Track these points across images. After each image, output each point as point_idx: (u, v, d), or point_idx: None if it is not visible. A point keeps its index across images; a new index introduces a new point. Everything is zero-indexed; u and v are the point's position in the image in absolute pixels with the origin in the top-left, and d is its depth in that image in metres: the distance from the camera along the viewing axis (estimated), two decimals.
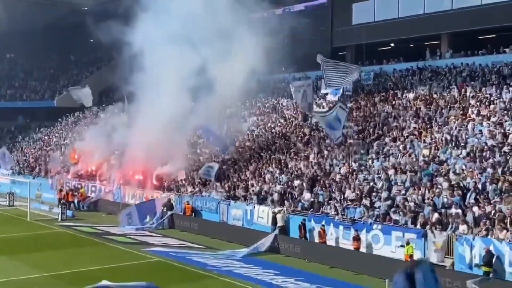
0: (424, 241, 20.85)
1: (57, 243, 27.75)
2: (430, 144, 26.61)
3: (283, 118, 39.35)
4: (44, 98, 66.06)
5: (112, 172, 39.81)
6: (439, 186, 22.87)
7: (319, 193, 26.54)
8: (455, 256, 19.89)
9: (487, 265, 18.76)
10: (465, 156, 24.27)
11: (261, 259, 23.86)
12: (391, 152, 27.57)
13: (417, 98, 32.84)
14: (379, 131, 30.71)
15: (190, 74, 34.74)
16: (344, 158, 28.89)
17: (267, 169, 31.58)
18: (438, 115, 29.52)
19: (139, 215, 31.86)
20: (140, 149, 36.23)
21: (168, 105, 34.37)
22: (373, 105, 34.58)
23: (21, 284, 20.21)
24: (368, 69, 39.72)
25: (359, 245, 22.58)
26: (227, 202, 29.99)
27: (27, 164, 51.62)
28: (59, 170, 44.99)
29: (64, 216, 34.13)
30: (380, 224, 22.52)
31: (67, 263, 23.09)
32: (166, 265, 22.76)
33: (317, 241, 24.26)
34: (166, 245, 27.03)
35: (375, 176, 25.90)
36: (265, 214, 27.29)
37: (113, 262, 23.45)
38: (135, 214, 31.96)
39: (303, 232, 24.90)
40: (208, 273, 21.45)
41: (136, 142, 36.66)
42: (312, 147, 32.07)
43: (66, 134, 55.79)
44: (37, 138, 59.40)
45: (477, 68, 33.91)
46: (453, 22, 37.30)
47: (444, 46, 39.00)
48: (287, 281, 20.27)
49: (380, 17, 41.46)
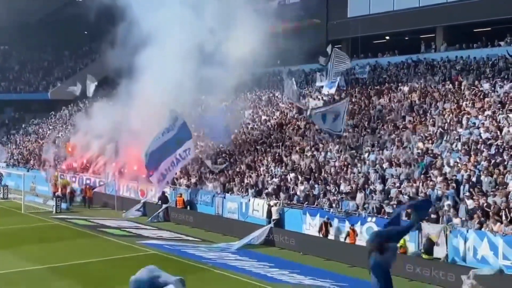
0: (418, 234, 20.92)
1: (52, 235, 27.72)
2: (424, 137, 26.67)
3: (278, 111, 39.34)
4: (38, 90, 65.86)
5: (107, 164, 39.74)
6: (433, 179, 22.94)
7: (314, 186, 26.57)
8: (449, 249, 19.97)
9: (427, 252, 20.00)
10: (460, 149, 24.34)
11: (256, 252, 23.91)
12: (385, 145, 27.62)
13: (412, 91, 32.87)
14: (373, 124, 30.76)
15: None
16: (339, 151, 28.92)
17: (262, 162, 31.61)
18: (433, 108, 29.57)
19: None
20: (134, 140, 36.13)
21: (165, 95, 34.29)
22: (368, 98, 34.61)
23: (16, 277, 20.21)
24: (363, 62, 39.73)
25: (355, 238, 22.58)
26: (223, 195, 30.01)
27: (22, 156, 51.50)
28: (53, 162, 44.87)
29: (58, 209, 34.13)
30: (375, 217, 22.58)
31: (62, 256, 23.09)
32: (161, 257, 22.74)
33: (347, 241, 22.87)
34: (161, 238, 27.05)
35: (370, 169, 25.94)
36: (260, 207, 27.33)
37: (107, 255, 23.47)
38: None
39: (325, 231, 23.83)
40: (203, 265, 21.50)
41: (130, 133, 36.56)
42: (307, 140, 32.09)
43: (60, 126, 55.66)
44: (31, 130, 59.25)
45: (472, 61, 33.95)
46: (448, 15, 37.31)
47: (439, 39, 39.03)
48: (282, 274, 20.34)
49: (376, 10, 41.45)
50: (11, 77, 68.95)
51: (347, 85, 37.60)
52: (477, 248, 19.18)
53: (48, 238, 27.13)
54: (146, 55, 35.73)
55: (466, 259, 19.49)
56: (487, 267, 17.42)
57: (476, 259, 19.18)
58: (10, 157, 51.93)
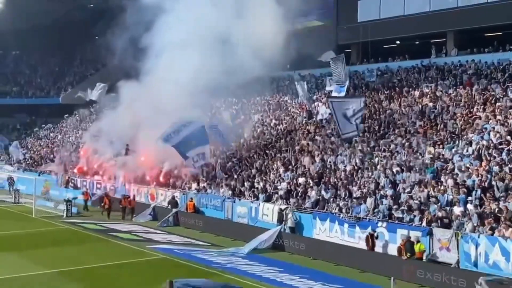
0: (430, 239, 20.81)
1: (63, 240, 27.80)
2: (435, 142, 26.55)
3: (288, 115, 39.32)
4: (50, 95, 66.23)
5: (117, 169, 39.81)
6: (444, 184, 22.83)
7: (324, 191, 26.50)
8: (460, 254, 19.85)
9: (409, 251, 20.35)
10: (471, 154, 24.22)
11: (266, 257, 23.86)
12: (396, 150, 27.53)
13: (422, 95, 32.77)
14: (384, 128, 30.67)
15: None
16: (349, 156, 28.84)
17: (272, 167, 31.59)
18: (444, 113, 29.46)
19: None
20: (145, 145, 36.24)
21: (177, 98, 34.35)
22: (378, 102, 34.53)
23: (27, 281, 20.25)
24: (373, 67, 39.63)
25: (373, 245, 22.19)
26: (232, 199, 30.01)
27: (33, 160, 51.77)
28: (64, 167, 45.08)
29: (69, 213, 34.22)
30: (385, 222, 22.48)
31: (73, 260, 23.12)
32: (171, 262, 22.78)
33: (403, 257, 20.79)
34: (171, 242, 27.05)
35: (380, 174, 25.85)
36: (270, 211, 27.27)
37: (118, 259, 23.48)
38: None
39: (371, 244, 22.23)
40: (213, 270, 21.46)
41: (142, 138, 36.66)
42: (317, 144, 32.04)
43: (71, 131, 55.90)
44: (43, 135, 59.54)
45: (483, 66, 33.83)
46: (459, 19, 37.23)
47: (449, 44, 38.92)
48: (291, 279, 20.27)
49: (386, 14, 41.44)
50: (22, 82, 69.38)
51: (355, 90, 37.56)
52: (488, 253, 19.04)
53: (59, 242, 27.19)
54: (159, 59, 35.81)
55: (477, 264, 19.36)
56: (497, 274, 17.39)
57: (487, 264, 19.04)
58: (22, 161, 52.23)
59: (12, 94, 66.98)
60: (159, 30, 36.10)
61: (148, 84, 36.86)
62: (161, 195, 34.62)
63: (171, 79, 35.10)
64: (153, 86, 36.29)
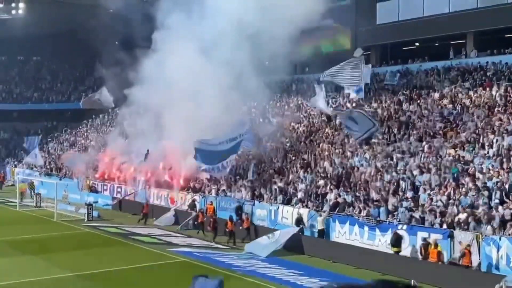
0: (450, 242, 20.68)
1: (84, 243, 28.04)
2: (456, 144, 26.38)
3: (307, 118, 39.26)
4: (70, 100, 66.87)
5: (137, 173, 40.00)
6: (465, 186, 22.68)
7: (344, 193, 26.43)
8: (481, 257, 19.70)
9: (395, 245, 21.37)
10: (492, 156, 24.03)
11: (285, 260, 23.88)
12: (416, 152, 27.38)
13: (442, 97, 32.58)
14: (404, 130, 30.52)
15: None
16: (369, 158, 28.76)
17: (292, 169, 31.56)
18: (464, 114, 29.26)
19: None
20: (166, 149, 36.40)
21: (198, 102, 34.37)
22: (398, 104, 34.38)
23: (49, 284, 20.49)
24: (393, 69, 39.47)
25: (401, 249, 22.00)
26: (252, 202, 30.03)
27: (54, 165, 52.25)
28: (85, 171, 45.43)
29: (90, 216, 34.49)
30: (405, 225, 22.37)
31: (94, 263, 23.34)
32: (191, 265, 22.89)
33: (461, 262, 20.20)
34: (191, 245, 27.17)
35: (400, 176, 25.73)
36: (289, 214, 27.27)
37: (139, 262, 23.66)
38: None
39: (424, 252, 21.01)
40: (233, 273, 21.52)
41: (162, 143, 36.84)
42: (337, 147, 31.98)
43: (92, 135, 56.36)
44: (64, 139, 60.11)
45: (503, 67, 33.56)
46: (479, 20, 36.96)
47: (469, 45, 38.65)
48: (311, 282, 20.25)
49: (405, 16, 41.24)
50: (43, 87, 70.14)
51: (375, 92, 37.44)
52: (510, 256, 18.88)
53: (80, 245, 27.43)
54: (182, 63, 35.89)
55: (499, 267, 19.20)
56: None
57: (509, 267, 18.88)
58: (44, 166, 52.72)
59: (33, 99, 67.79)
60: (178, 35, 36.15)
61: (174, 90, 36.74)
62: (181, 198, 34.73)
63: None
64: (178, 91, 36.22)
